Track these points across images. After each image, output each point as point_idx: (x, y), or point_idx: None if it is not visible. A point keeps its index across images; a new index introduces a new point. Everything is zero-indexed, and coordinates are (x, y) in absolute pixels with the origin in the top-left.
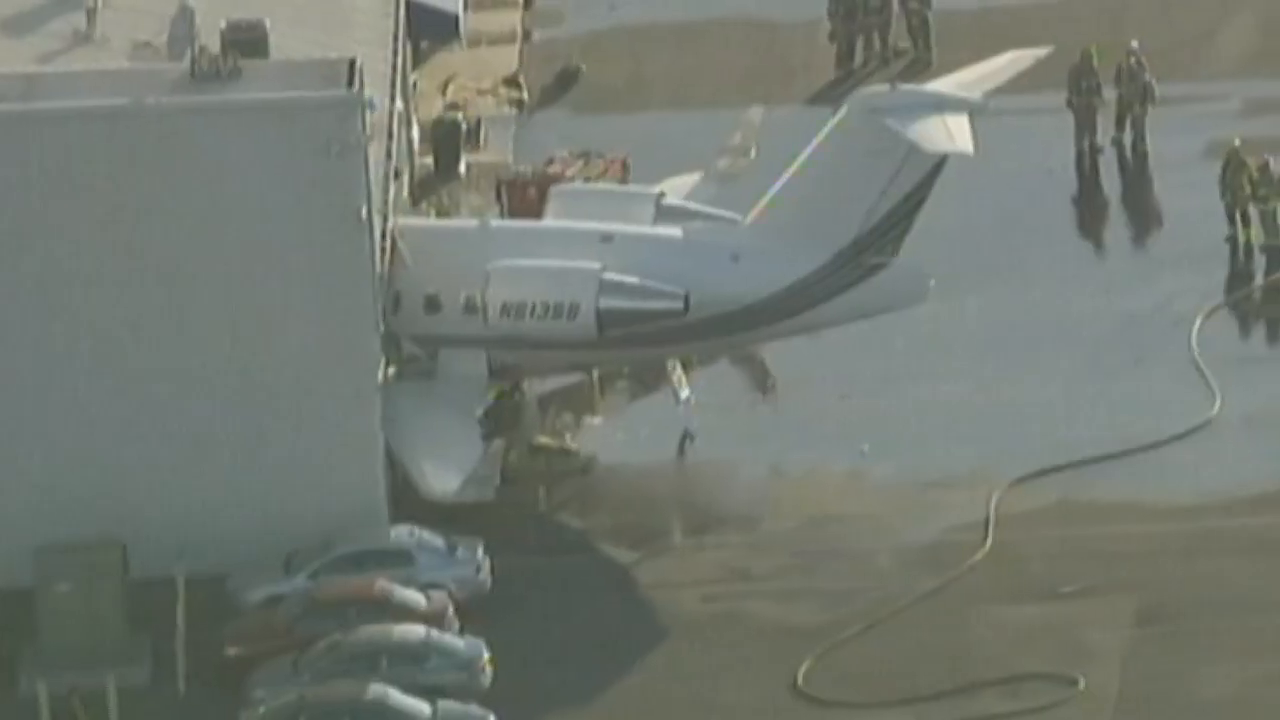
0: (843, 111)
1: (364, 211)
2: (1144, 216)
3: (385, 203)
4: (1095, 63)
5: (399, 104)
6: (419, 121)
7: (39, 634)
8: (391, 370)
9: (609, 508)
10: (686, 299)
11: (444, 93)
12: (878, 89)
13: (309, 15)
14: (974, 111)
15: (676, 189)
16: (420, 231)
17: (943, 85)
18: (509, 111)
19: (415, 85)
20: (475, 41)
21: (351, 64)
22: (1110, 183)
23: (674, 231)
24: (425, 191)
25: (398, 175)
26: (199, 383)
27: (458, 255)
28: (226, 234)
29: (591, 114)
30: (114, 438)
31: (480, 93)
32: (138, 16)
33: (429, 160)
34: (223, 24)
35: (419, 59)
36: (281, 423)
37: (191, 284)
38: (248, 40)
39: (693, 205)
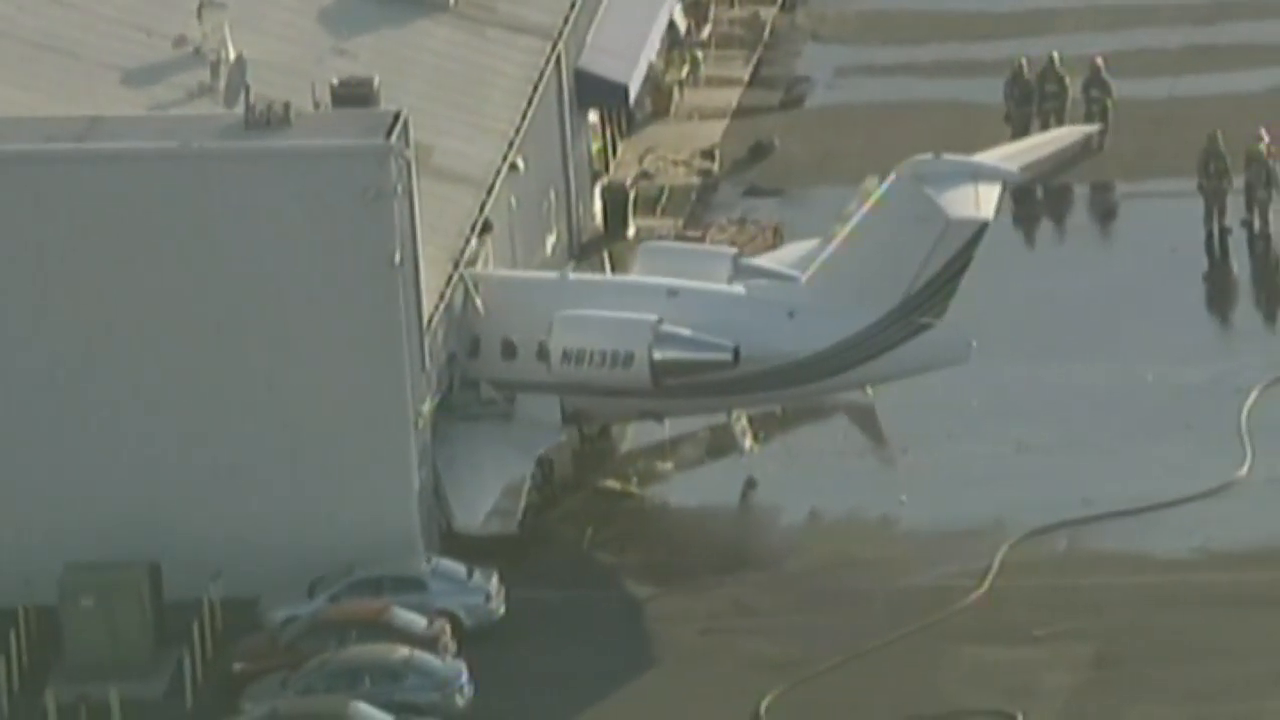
0: (891, 177)
1: (398, 256)
2: (1252, 296)
3: (461, 251)
4: (1221, 147)
5: (520, 163)
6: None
7: (63, 647)
8: (426, 406)
9: (645, 546)
10: (736, 351)
11: (641, 161)
12: (923, 157)
13: (446, 77)
14: (1007, 182)
15: (793, 254)
16: (499, 281)
17: (986, 156)
18: (696, 181)
19: (616, 152)
20: (704, 115)
21: (396, 115)
22: (1236, 263)
23: (738, 289)
24: (588, 252)
25: (488, 228)
26: (238, 416)
27: (532, 304)
28: (265, 272)
29: (773, 186)
30: (154, 467)
31: (675, 163)
32: (262, 70)
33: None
34: (334, 80)
35: (629, 130)
36: (317, 455)
37: (230, 319)
38: (358, 96)
39: (765, 264)
